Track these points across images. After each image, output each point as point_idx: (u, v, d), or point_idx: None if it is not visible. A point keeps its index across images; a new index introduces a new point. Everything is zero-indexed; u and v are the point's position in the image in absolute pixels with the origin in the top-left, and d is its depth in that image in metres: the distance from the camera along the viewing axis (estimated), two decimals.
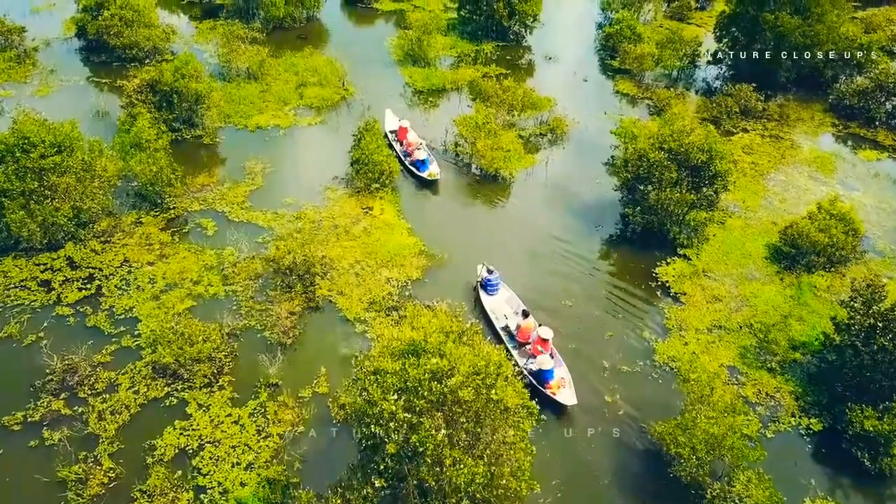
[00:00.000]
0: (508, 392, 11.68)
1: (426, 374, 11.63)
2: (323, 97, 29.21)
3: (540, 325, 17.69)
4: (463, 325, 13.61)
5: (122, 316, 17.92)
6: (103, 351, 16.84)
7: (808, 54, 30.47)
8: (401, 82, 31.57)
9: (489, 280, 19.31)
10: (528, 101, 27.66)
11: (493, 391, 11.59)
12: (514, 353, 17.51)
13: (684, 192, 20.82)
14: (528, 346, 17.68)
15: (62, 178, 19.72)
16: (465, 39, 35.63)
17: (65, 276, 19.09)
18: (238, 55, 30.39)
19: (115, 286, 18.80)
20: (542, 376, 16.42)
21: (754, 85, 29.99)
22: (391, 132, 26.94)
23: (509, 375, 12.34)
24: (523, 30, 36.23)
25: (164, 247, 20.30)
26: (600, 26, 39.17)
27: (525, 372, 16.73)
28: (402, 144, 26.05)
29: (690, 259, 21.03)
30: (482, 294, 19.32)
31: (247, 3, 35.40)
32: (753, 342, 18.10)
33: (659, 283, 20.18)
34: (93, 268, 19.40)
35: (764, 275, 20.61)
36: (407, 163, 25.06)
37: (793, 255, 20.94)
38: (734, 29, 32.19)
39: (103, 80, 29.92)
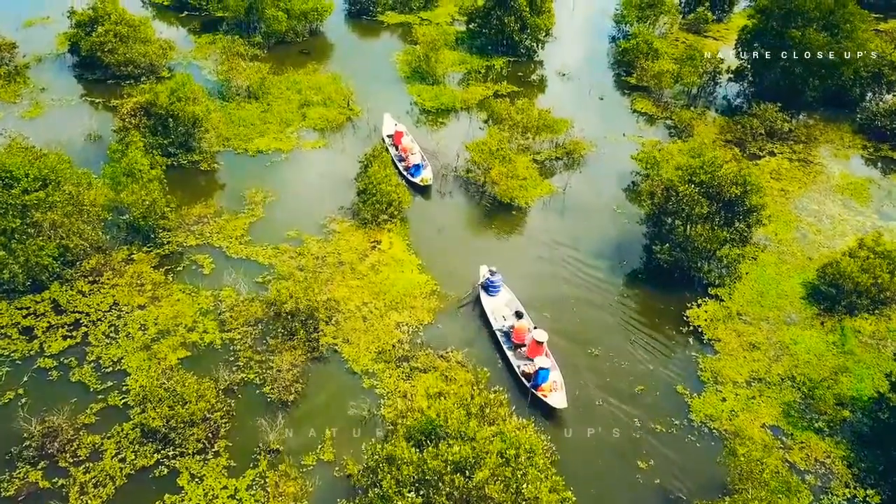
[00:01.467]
0: (543, 490, 10.21)
1: (448, 466, 10.18)
2: (327, 118, 27.80)
3: (535, 328, 17.67)
4: (487, 396, 12.19)
5: (110, 369, 16.45)
6: (87, 410, 15.37)
7: (837, 73, 29.07)
8: (408, 101, 30.14)
9: (491, 281, 19.35)
10: (543, 123, 26.22)
11: (526, 486, 10.13)
12: (510, 354, 17.65)
13: (716, 227, 19.40)
14: (523, 349, 17.69)
15: (47, 215, 18.31)
16: (475, 54, 34.20)
17: (49, 321, 17.64)
18: (238, 73, 28.98)
19: (103, 333, 17.34)
20: (536, 379, 16.48)
21: (779, 105, 28.61)
22: (388, 136, 26.67)
23: (543, 461, 10.90)
24: (535, 44, 34.82)
25: (157, 287, 18.87)
26: (614, 40, 37.76)
27: (519, 374, 16.99)
28: (397, 149, 25.70)
29: (723, 300, 19.56)
30: (483, 295, 19.28)
31: (248, 17, 34.02)
32: (797, 397, 16.63)
33: (690, 327, 18.71)
34: (79, 312, 17.95)
35: (802, 318, 19.12)
36: (401, 167, 24.75)
37: (833, 295, 19.51)
38: (757, 45, 30.79)
39: (97, 100, 28.50)
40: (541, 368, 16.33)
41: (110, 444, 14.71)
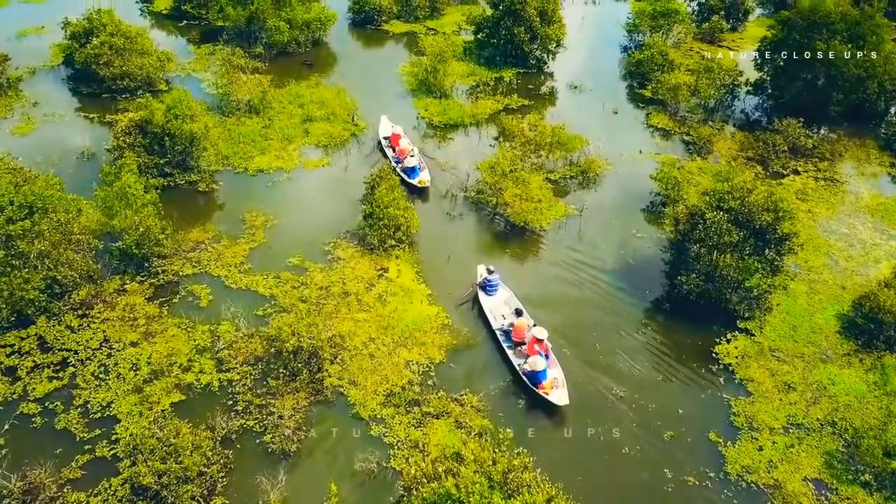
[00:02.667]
0: None
1: None
2: (331, 134, 26.65)
3: (534, 325, 17.61)
4: (510, 461, 11.01)
5: (98, 414, 15.24)
6: (73, 463, 14.17)
7: (863, 86, 27.89)
8: (414, 114, 28.99)
9: (489, 280, 19.23)
10: (556, 140, 25.04)
11: None
12: (510, 353, 17.51)
13: (746, 256, 18.21)
14: (523, 347, 17.49)
15: (33, 245, 17.16)
16: (483, 65, 33.05)
17: (34, 360, 16.45)
18: (238, 87, 27.85)
19: (92, 374, 16.15)
20: (536, 376, 16.42)
21: (801, 119, 27.43)
22: (384, 138, 26.44)
23: None
24: (545, 55, 33.69)
25: (151, 322, 17.68)
26: (626, 50, 36.60)
27: (519, 372, 16.84)
28: (394, 150, 25.43)
29: (753, 334, 18.34)
30: (481, 294, 19.23)
31: (248, 26, 32.93)
32: (840, 446, 15.42)
33: (720, 364, 17.51)
34: (67, 350, 16.76)
35: (839, 354, 17.91)
36: (398, 169, 24.33)
37: (870, 329, 18.30)
38: (778, 57, 29.63)
39: (91, 115, 27.36)
40: (539, 368, 16.35)
41: (97, 502, 13.54)
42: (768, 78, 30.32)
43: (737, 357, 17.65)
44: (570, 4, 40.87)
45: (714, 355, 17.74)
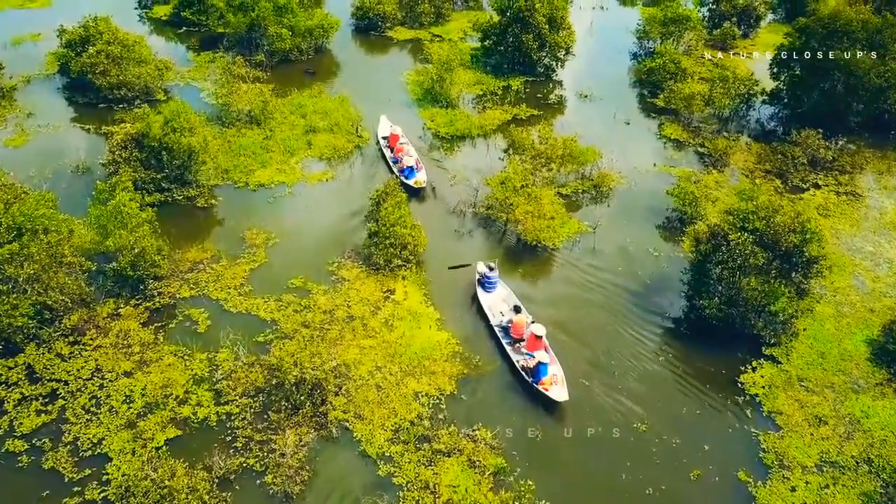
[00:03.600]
0: None
1: None
2: (334, 146, 25.77)
3: (533, 322, 17.59)
4: None
5: (89, 452, 14.31)
6: None
7: (884, 96, 27.00)
8: (420, 124, 28.10)
9: (488, 277, 19.25)
10: (568, 153, 24.15)
11: None
12: (509, 349, 17.42)
13: (773, 280, 17.30)
14: (522, 343, 17.53)
15: (22, 269, 16.29)
16: (490, 73, 32.17)
17: (21, 392, 15.54)
18: (238, 97, 26.97)
19: (83, 407, 15.24)
20: (536, 373, 16.40)
21: (820, 130, 26.54)
22: (383, 138, 26.42)
23: None
24: (554, 63, 32.83)
25: (146, 349, 16.78)
26: (636, 57, 35.73)
27: (519, 368, 16.81)
28: (392, 151, 25.37)
29: (780, 362, 17.42)
30: (480, 291, 19.23)
31: (249, 34, 32.08)
32: (878, 486, 14.50)
33: (746, 396, 16.59)
34: (57, 380, 15.85)
35: (871, 384, 16.99)
36: (395, 170, 24.49)
37: None
38: (794, 65, 28.75)
39: (87, 126, 26.47)
40: (540, 363, 16.37)
41: None
42: (785, 87, 29.48)
43: (763, 387, 16.72)
44: (577, 10, 39.97)
45: (740, 385, 16.83)
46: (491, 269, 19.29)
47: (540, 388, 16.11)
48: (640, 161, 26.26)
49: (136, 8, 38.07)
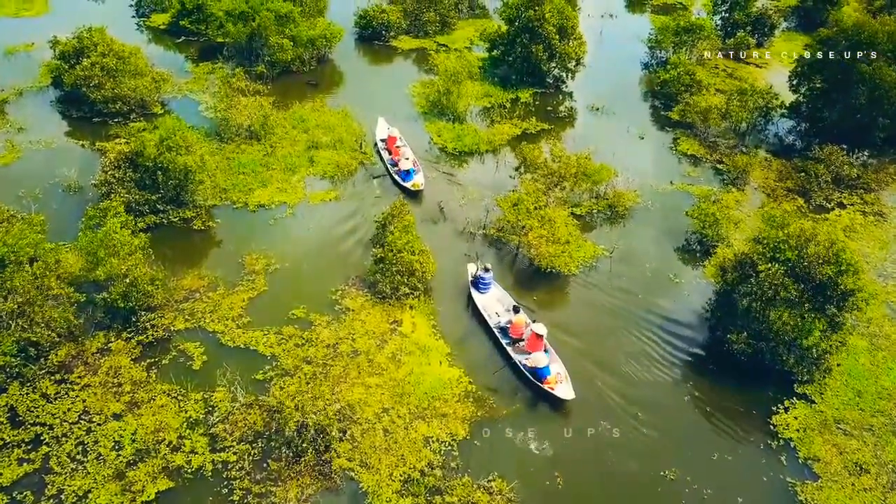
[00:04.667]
0: None
1: None
2: (337, 163, 24.71)
3: (534, 321, 17.58)
4: None
5: None
6: None
7: None
8: (426, 139, 27.07)
9: (482, 278, 19.17)
10: (582, 171, 23.10)
11: None
12: (509, 349, 17.36)
13: (806, 314, 16.21)
14: (522, 343, 17.49)
15: (5, 304, 15.26)
16: (497, 85, 31.14)
17: (2, 438, 14.43)
18: (238, 111, 25.92)
19: (68, 455, 14.13)
20: (539, 372, 16.36)
21: (844, 147, 25.49)
22: (381, 140, 26.25)
23: None
24: (564, 74, 31.80)
25: (137, 388, 15.70)
26: (647, 66, 34.70)
27: (521, 368, 16.74)
28: (390, 153, 25.24)
29: (814, 401, 16.33)
30: (474, 292, 19.11)
31: (250, 44, 31.09)
32: None
33: (780, 440, 15.48)
34: (41, 424, 14.74)
35: None
36: (393, 172, 24.35)
37: None
38: (817, 77, 27.66)
39: (80, 142, 25.41)
40: (542, 364, 16.35)
41: None
42: (805, 100, 28.42)
43: (798, 430, 15.62)
44: (585, 17, 38.89)
45: (772, 427, 15.73)
46: (487, 269, 19.18)
47: (546, 387, 16.15)
48: (655, 178, 25.20)
49: (133, 16, 37.14)
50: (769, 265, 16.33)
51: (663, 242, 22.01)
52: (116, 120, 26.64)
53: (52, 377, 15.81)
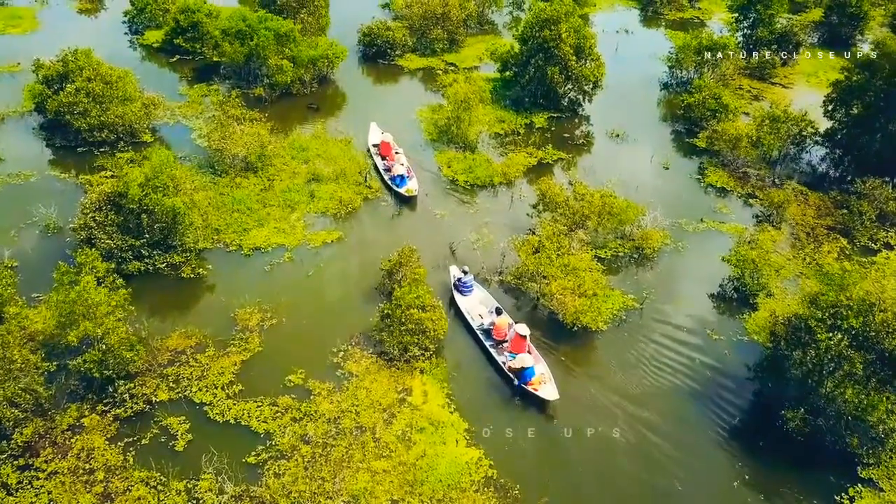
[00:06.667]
0: None
1: None
2: (340, 199, 22.78)
3: (516, 323, 17.65)
4: None
5: None
6: None
7: None
8: (435, 169, 25.20)
9: (463, 281, 19.11)
10: (608, 210, 21.19)
11: None
12: (493, 351, 17.41)
13: (872, 390, 14.30)
14: (505, 344, 17.56)
15: None
16: (509, 108, 29.26)
17: None
18: (233, 141, 24.05)
19: None
20: (523, 373, 16.39)
21: (887, 179, 23.58)
22: (374, 146, 25.92)
23: None
24: (580, 97, 29.95)
25: (112, 476, 13.71)
26: (666, 87, 32.86)
27: (505, 370, 16.77)
28: (384, 159, 24.98)
29: (882, 489, 14.37)
30: (456, 295, 19.10)
31: (247, 64, 29.29)
32: None
33: None
34: None
35: None
36: (386, 178, 24.09)
37: None
38: (855, 103, 25.73)
39: (63, 174, 23.44)
40: (527, 365, 16.40)
41: None
42: (841, 127, 26.52)
43: None
44: (599, 33, 36.76)
45: None
46: (465, 272, 19.15)
47: (529, 388, 16.17)
48: (684, 214, 23.26)
49: (126, 33, 35.37)
50: (830, 334, 14.42)
51: (696, 290, 20.08)
52: (103, 149, 24.77)
53: (15, 462, 13.93)
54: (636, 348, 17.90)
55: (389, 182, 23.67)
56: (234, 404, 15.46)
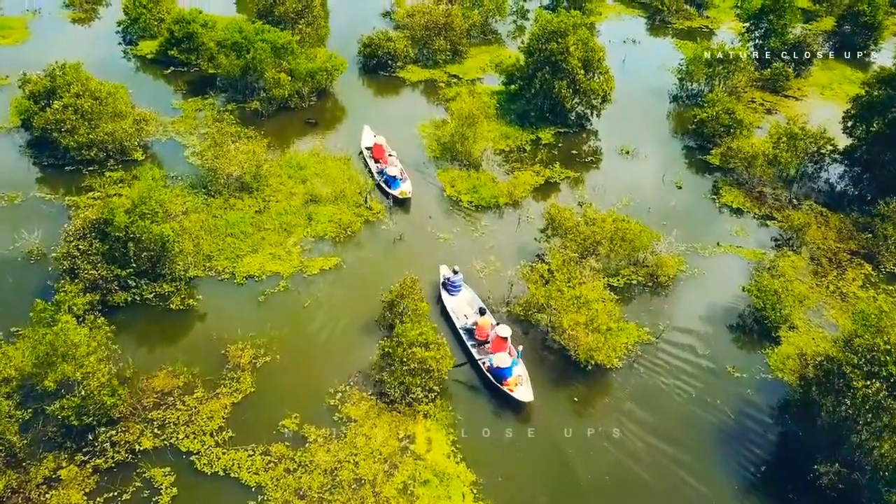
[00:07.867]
0: None
1: None
2: (339, 222, 21.73)
3: (498, 324, 17.58)
4: None
5: None
6: None
7: None
8: (438, 189, 24.16)
9: (452, 281, 19.12)
10: (621, 236, 20.14)
11: None
12: (473, 351, 17.41)
13: None
14: (487, 345, 17.48)
15: None
16: (514, 123, 28.20)
17: None
18: (227, 160, 23.01)
19: None
20: (501, 374, 16.31)
21: None
22: (367, 148, 25.90)
23: None
24: (588, 111, 28.89)
25: None
26: (676, 99, 31.83)
27: (484, 370, 16.73)
28: (377, 162, 24.93)
29: None
30: (444, 294, 19.12)
31: (244, 77, 28.26)
32: None
33: None
34: None
35: None
36: (380, 180, 23.98)
37: None
38: (877, 119, 24.68)
39: (49, 195, 22.37)
40: (500, 367, 16.20)
41: None
42: (861, 144, 25.46)
43: None
44: (606, 43, 35.64)
45: None
46: (455, 272, 19.10)
47: (505, 388, 16.10)
48: (699, 237, 22.19)
49: (120, 43, 34.34)
50: (867, 382, 13.35)
51: (715, 321, 19.00)
52: (91, 168, 23.70)
53: None
54: (652, 386, 16.79)
55: (383, 184, 23.48)
56: (224, 453, 14.37)
